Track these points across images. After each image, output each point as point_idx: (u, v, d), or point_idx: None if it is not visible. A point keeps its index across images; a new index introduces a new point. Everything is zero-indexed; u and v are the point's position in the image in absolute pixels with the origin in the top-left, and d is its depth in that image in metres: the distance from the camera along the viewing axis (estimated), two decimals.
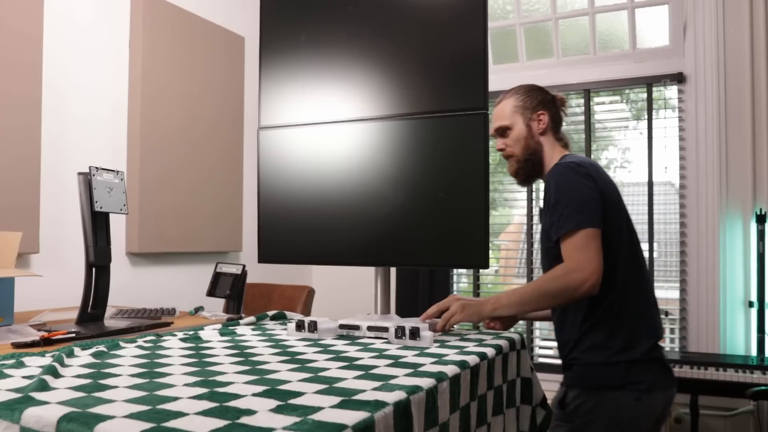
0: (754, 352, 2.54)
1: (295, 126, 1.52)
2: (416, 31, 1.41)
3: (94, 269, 1.53)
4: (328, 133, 1.48)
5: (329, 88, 1.49)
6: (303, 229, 1.52)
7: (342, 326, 1.42)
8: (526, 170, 1.69)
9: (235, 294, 1.98)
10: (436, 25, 1.39)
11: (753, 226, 2.59)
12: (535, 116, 1.71)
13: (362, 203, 1.44)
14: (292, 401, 0.81)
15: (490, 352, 1.22)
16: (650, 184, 2.86)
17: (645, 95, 2.91)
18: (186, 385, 0.90)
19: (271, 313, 1.67)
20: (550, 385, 2.89)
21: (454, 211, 1.35)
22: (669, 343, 2.88)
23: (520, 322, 1.78)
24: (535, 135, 1.69)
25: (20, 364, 1.04)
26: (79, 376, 0.96)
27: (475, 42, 1.34)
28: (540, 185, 3.17)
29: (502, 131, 1.69)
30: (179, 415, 0.75)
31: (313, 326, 1.37)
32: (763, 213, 2.55)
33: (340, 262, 1.50)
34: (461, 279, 3.36)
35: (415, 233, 1.38)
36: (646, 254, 2.86)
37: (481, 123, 1.33)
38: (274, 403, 0.80)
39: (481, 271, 3.28)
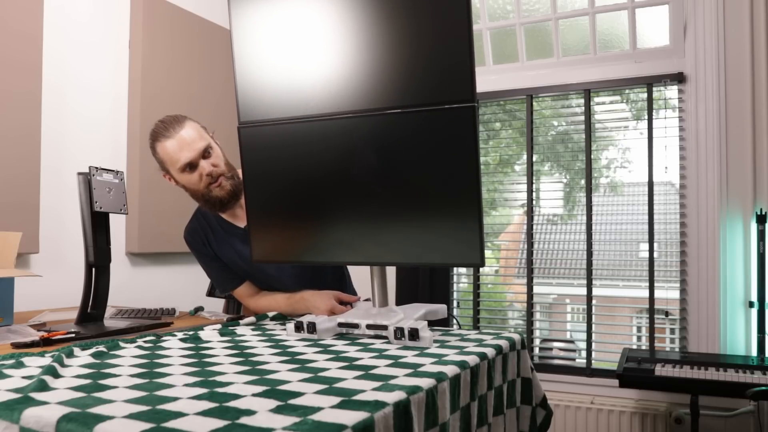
0: (754, 352, 2.54)
1: (277, 123, 1.47)
2: (399, 22, 1.35)
3: (93, 269, 1.53)
4: (314, 129, 1.43)
5: (314, 82, 1.43)
6: (294, 228, 1.49)
7: (341, 324, 1.41)
8: (236, 186, 1.70)
9: None
10: (420, 16, 1.33)
11: (753, 226, 2.59)
12: (214, 136, 1.74)
13: (352, 201, 1.41)
14: (292, 401, 0.81)
15: (490, 352, 1.22)
16: (650, 184, 2.86)
17: (645, 95, 2.90)
18: (186, 385, 0.90)
19: (271, 313, 1.67)
20: (550, 385, 2.90)
21: (446, 207, 1.32)
22: (669, 343, 2.88)
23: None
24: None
25: (20, 365, 1.04)
26: (78, 377, 0.95)
27: (460, 31, 1.28)
28: (541, 184, 3.17)
29: (205, 153, 1.66)
30: (179, 415, 0.74)
31: (311, 327, 1.37)
32: (763, 213, 2.55)
33: (333, 261, 1.49)
34: (461, 279, 3.36)
35: (408, 231, 1.36)
36: (646, 254, 2.86)
37: (470, 116, 1.27)
38: (273, 403, 0.80)
39: (481, 270, 3.28)
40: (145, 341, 1.29)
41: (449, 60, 1.30)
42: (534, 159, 3.12)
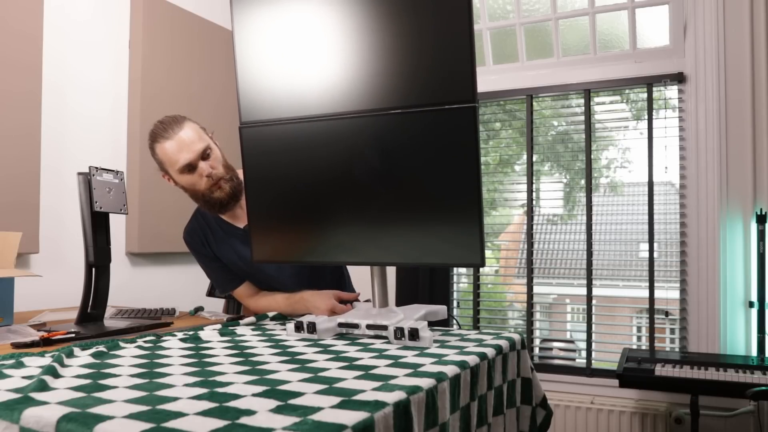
0: (754, 352, 2.54)
1: (279, 123, 1.47)
2: (401, 23, 1.35)
3: (93, 269, 1.53)
4: (316, 129, 1.44)
5: (314, 82, 1.43)
6: (295, 228, 1.49)
7: (341, 324, 1.41)
8: (236, 187, 1.70)
9: None
10: (422, 17, 1.33)
11: (753, 226, 2.59)
12: (213, 137, 1.73)
13: (353, 201, 1.41)
14: (292, 401, 0.81)
15: (490, 352, 1.22)
16: (650, 184, 2.86)
17: (645, 95, 2.90)
18: (186, 385, 0.90)
19: (271, 313, 1.67)
20: (550, 385, 2.90)
21: (447, 208, 1.32)
22: (669, 343, 2.88)
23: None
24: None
25: (20, 365, 1.04)
26: (78, 377, 0.95)
27: (461, 32, 1.29)
28: (541, 184, 3.17)
29: (204, 155, 1.65)
30: (179, 415, 0.74)
31: (311, 327, 1.37)
32: (763, 213, 2.55)
33: (334, 261, 1.48)
34: (461, 279, 3.36)
35: (409, 231, 1.36)
36: (646, 254, 2.86)
37: (470, 116, 1.28)
38: (273, 403, 0.80)
39: (481, 270, 3.28)
40: (145, 341, 1.29)
41: (450, 61, 1.30)
42: (534, 159, 3.12)
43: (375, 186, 1.38)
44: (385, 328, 1.34)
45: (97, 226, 1.53)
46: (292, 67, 1.45)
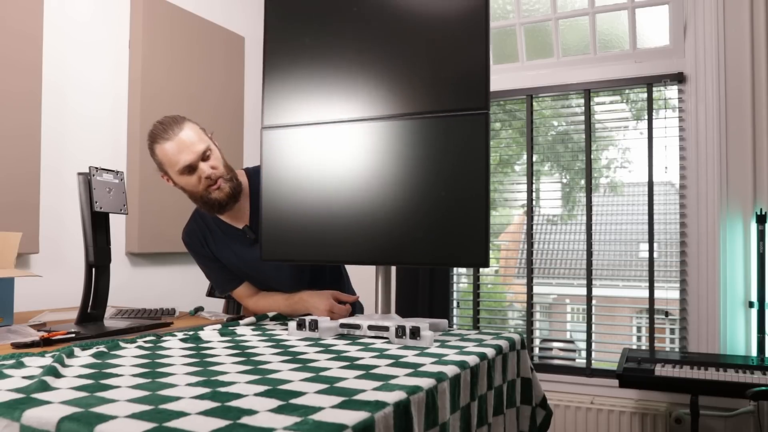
0: (754, 353, 2.54)
1: (298, 126, 1.52)
2: (418, 31, 1.41)
3: (93, 269, 1.53)
4: (331, 132, 1.48)
5: (332, 88, 1.48)
6: (304, 228, 1.51)
7: (343, 325, 1.42)
8: (235, 188, 1.71)
9: None
10: (438, 25, 1.38)
11: (753, 226, 2.59)
12: (213, 137, 1.75)
13: (363, 202, 1.44)
14: (293, 401, 0.81)
15: (490, 352, 1.23)
16: (650, 184, 2.86)
17: (645, 95, 2.91)
18: (188, 385, 0.90)
19: (271, 313, 1.67)
20: (550, 385, 2.91)
21: (454, 210, 1.35)
22: (669, 343, 2.88)
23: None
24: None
25: (20, 365, 1.04)
26: (79, 377, 0.96)
27: (476, 42, 1.34)
28: (541, 184, 3.17)
29: (204, 156, 1.66)
30: (181, 415, 0.75)
31: (313, 325, 1.37)
32: (763, 213, 2.55)
33: (340, 260, 1.50)
34: (461, 279, 3.36)
35: (417, 232, 1.39)
36: (646, 254, 2.86)
37: (482, 123, 1.33)
38: (275, 403, 0.80)
39: (481, 270, 3.28)
40: (145, 341, 1.29)
41: (465, 69, 1.36)
42: (534, 159, 3.13)
43: (386, 188, 1.42)
44: (386, 329, 1.34)
45: (97, 226, 1.53)
46: (312, 73, 1.52)
